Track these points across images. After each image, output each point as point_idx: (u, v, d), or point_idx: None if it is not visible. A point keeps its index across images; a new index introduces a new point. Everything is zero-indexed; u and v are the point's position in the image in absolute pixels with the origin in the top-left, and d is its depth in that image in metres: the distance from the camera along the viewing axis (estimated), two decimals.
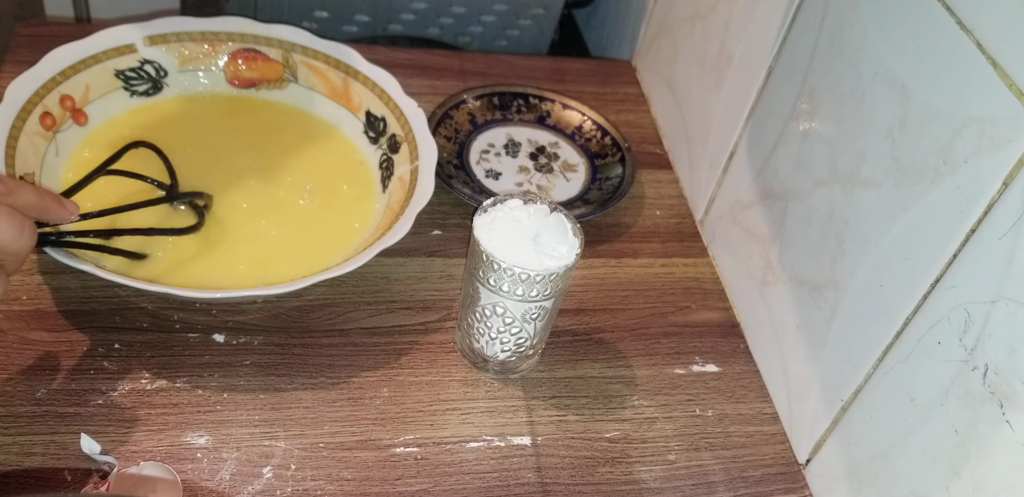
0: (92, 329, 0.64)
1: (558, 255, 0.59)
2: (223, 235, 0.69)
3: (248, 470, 0.58)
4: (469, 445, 0.63)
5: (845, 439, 0.61)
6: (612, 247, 0.79)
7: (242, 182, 0.73)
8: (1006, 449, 0.48)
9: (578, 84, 0.95)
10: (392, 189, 0.72)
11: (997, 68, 0.48)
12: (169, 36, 0.76)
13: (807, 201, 0.66)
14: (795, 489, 0.64)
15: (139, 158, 0.70)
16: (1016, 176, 0.47)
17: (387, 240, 0.65)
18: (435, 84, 0.90)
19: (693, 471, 0.64)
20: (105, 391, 0.61)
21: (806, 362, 0.65)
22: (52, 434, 0.58)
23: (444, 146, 0.81)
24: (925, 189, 0.54)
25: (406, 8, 1.00)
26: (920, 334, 0.54)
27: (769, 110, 0.72)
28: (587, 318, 0.73)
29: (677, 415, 0.67)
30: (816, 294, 0.64)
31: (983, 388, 0.49)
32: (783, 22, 0.69)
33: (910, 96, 0.55)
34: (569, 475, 0.62)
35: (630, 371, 0.69)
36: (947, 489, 0.52)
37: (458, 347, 0.68)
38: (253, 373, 0.64)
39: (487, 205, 0.61)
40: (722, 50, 0.79)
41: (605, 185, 0.82)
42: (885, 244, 0.57)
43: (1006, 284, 0.48)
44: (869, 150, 0.59)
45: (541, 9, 1.03)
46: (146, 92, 0.76)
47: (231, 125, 0.77)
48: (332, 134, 0.78)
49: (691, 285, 0.77)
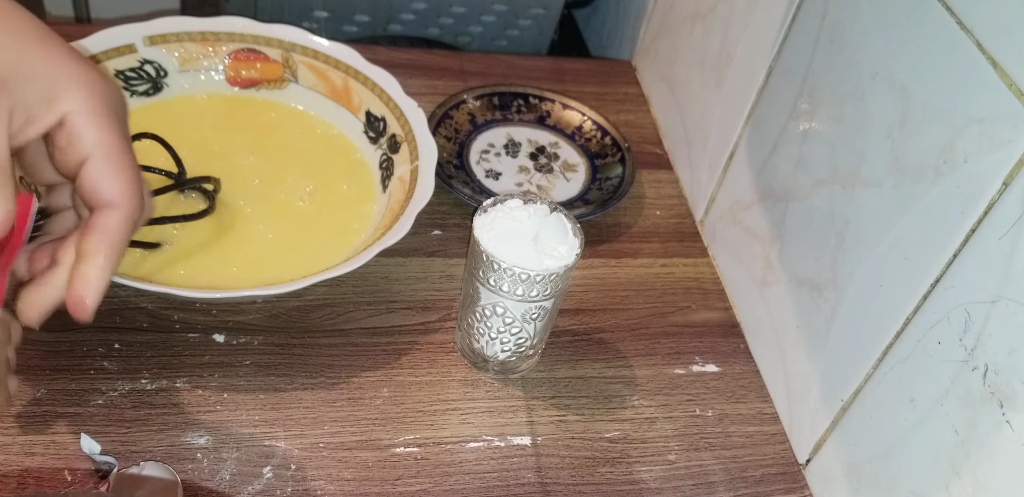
0: (92, 329, 0.64)
1: (558, 255, 0.59)
2: (223, 234, 0.69)
3: (248, 470, 0.58)
4: (469, 445, 0.63)
5: (845, 439, 0.61)
6: (612, 247, 0.79)
7: (242, 182, 0.73)
8: (1006, 449, 0.48)
9: (578, 84, 0.95)
10: (392, 189, 0.72)
11: (997, 68, 0.48)
12: (169, 36, 0.76)
13: (807, 201, 0.66)
14: (795, 489, 0.64)
15: (143, 152, 0.70)
16: (1016, 176, 0.47)
17: (387, 240, 0.65)
18: (435, 84, 0.90)
19: (693, 471, 0.64)
20: (105, 391, 0.61)
21: (806, 362, 0.65)
22: (52, 434, 0.58)
23: (444, 146, 0.81)
24: (925, 189, 0.54)
25: (406, 8, 1.00)
26: (920, 334, 0.54)
27: (769, 110, 0.72)
28: (587, 318, 0.73)
29: (677, 415, 0.67)
30: (816, 294, 0.64)
31: (983, 388, 0.49)
32: (783, 22, 0.69)
33: (910, 96, 0.55)
34: (569, 475, 0.62)
35: (630, 371, 0.69)
36: (947, 489, 0.52)
37: (458, 347, 0.68)
38: (253, 373, 0.64)
39: (487, 205, 0.61)
40: (722, 50, 0.79)
41: (605, 185, 0.82)
42: (885, 244, 0.57)
43: (1006, 284, 0.48)
44: (869, 150, 0.59)
45: (541, 9, 1.03)
46: (146, 92, 0.76)
47: (231, 125, 0.77)
48: (332, 134, 0.78)
49: (691, 285, 0.77)
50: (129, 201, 0.43)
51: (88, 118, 0.42)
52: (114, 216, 0.43)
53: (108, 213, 0.43)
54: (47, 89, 0.42)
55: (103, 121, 0.43)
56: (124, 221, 0.43)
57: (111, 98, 0.44)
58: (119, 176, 0.43)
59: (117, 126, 0.44)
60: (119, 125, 0.44)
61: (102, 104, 0.43)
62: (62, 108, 0.42)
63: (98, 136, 0.43)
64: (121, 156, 0.43)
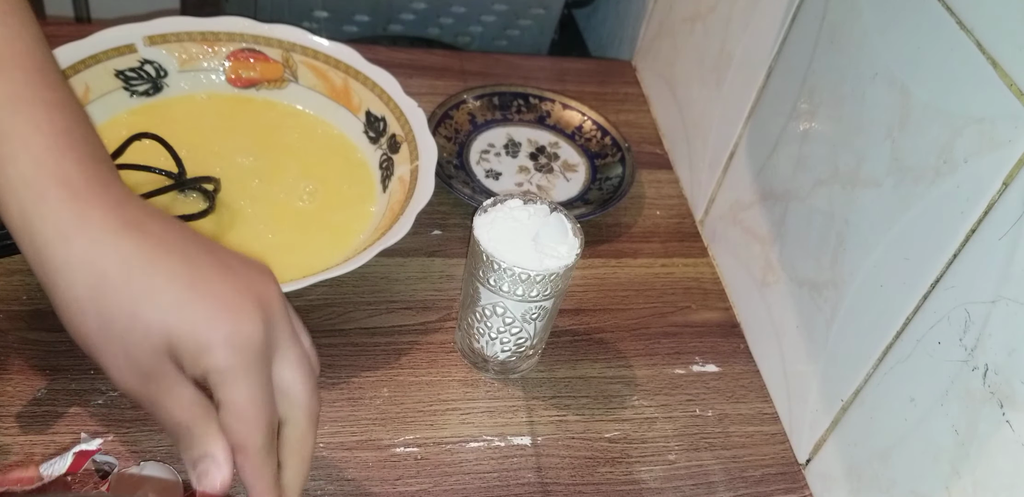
0: None
1: (558, 255, 0.59)
2: (223, 234, 0.69)
3: None
4: (469, 445, 0.63)
5: (845, 439, 0.61)
6: (612, 247, 0.79)
7: (242, 182, 0.73)
8: (1006, 449, 0.48)
9: (578, 84, 0.95)
10: (392, 189, 0.72)
11: (997, 68, 0.48)
12: (169, 36, 0.76)
13: (807, 201, 0.66)
14: (795, 489, 0.64)
15: (143, 152, 0.70)
16: (1016, 176, 0.47)
17: (387, 240, 0.65)
18: (435, 84, 0.90)
19: (693, 471, 0.64)
20: (105, 391, 0.61)
21: (806, 362, 0.65)
22: (52, 434, 0.58)
23: (444, 146, 0.81)
24: (925, 189, 0.54)
25: (406, 8, 1.00)
26: (920, 334, 0.54)
27: (769, 110, 0.72)
28: (587, 318, 0.73)
29: (677, 415, 0.67)
30: (816, 294, 0.64)
31: (983, 388, 0.49)
32: (783, 22, 0.69)
33: (910, 96, 0.55)
34: (569, 475, 0.62)
35: (630, 371, 0.69)
36: (947, 489, 0.52)
37: (458, 347, 0.68)
38: None
39: (487, 205, 0.61)
40: (722, 50, 0.79)
41: (605, 185, 0.82)
42: (885, 244, 0.57)
43: (1006, 284, 0.48)
44: (869, 150, 0.59)
45: (541, 9, 1.03)
46: (146, 92, 0.76)
47: (231, 125, 0.77)
48: (332, 134, 0.78)
49: (691, 285, 0.77)
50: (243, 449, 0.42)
51: (227, 375, 0.41)
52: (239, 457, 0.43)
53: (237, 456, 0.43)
54: (192, 347, 0.41)
55: (243, 377, 0.42)
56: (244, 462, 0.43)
57: (258, 347, 0.42)
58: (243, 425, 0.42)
59: (258, 378, 0.42)
60: (262, 374, 0.43)
61: (246, 359, 0.42)
62: (204, 365, 0.41)
63: (232, 391, 0.42)
64: (251, 406, 0.42)
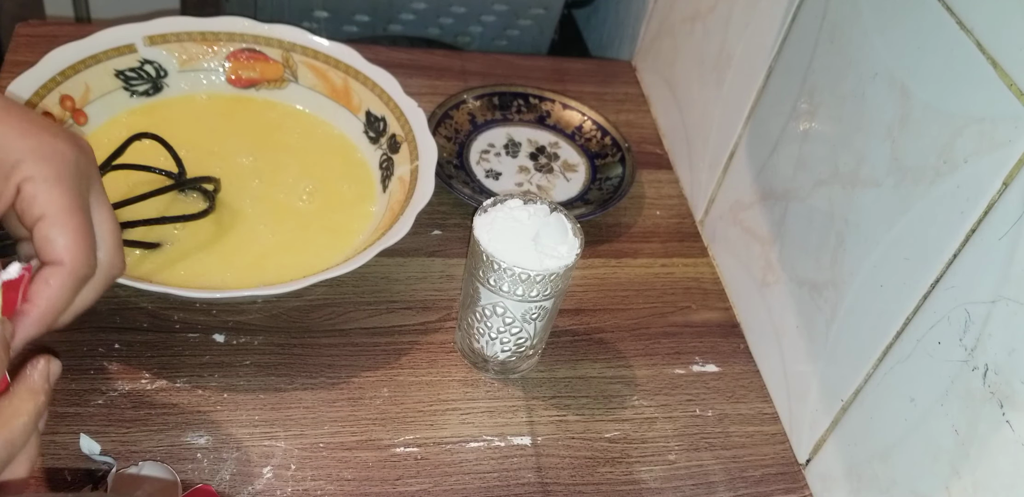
0: (92, 329, 0.64)
1: (558, 255, 0.59)
2: (223, 234, 0.69)
3: (248, 470, 0.58)
4: (469, 445, 0.63)
5: (845, 439, 0.61)
6: (612, 247, 0.79)
7: (242, 182, 0.73)
8: (1006, 449, 0.48)
9: (578, 84, 0.95)
10: (392, 189, 0.72)
11: (997, 68, 0.48)
12: (169, 36, 0.76)
13: (807, 201, 0.66)
14: (795, 489, 0.64)
15: (143, 152, 0.70)
16: (1016, 176, 0.47)
17: (387, 240, 0.65)
18: (435, 84, 0.90)
19: (693, 471, 0.64)
20: (105, 391, 0.61)
21: (806, 362, 0.65)
22: (52, 434, 0.58)
23: (444, 146, 0.81)
24: (925, 189, 0.54)
25: (406, 8, 1.00)
26: (920, 334, 0.54)
27: (769, 110, 0.72)
28: (587, 318, 0.73)
29: (677, 415, 0.67)
30: (816, 294, 0.64)
31: (983, 388, 0.49)
32: (783, 22, 0.69)
33: (910, 96, 0.55)
34: (569, 475, 0.62)
35: (630, 371, 0.69)
36: (947, 489, 0.52)
37: (458, 347, 0.68)
38: (253, 373, 0.64)
39: (487, 205, 0.61)
40: (722, 50, 0.79)
41: (605, 185, 0.82)
42: (885, 244, 0.57)
43: (1006, 284, 0.48)
44: (869, 150, 0.59)
45: (541, 9, 1.03)
46: (146, 92, 0.76)
47: (231, 125, 0.77)
48: (332, 134, 0.78)
49: (691, 285, 0.77)
50: (74, 259, 0.45)
51: (40, 183, 0.44)
52: (56, 272, 0.45)
53: (52, 269, 0.45)
54: (2, 164, 0.44)
55: (56, 184, 0.45)
56: (66, 278, 0.45)
57: (70, 162, 0.45)
58: (64, 236, 0.45)
59: (73, 189, 0.45)
60: (76, 187, 0.45)
61: (57, 169, 0.45)
62: (17, 178, 0.44)
63: (47, 198, 0.44)
64: (70, 216, 0.45)
